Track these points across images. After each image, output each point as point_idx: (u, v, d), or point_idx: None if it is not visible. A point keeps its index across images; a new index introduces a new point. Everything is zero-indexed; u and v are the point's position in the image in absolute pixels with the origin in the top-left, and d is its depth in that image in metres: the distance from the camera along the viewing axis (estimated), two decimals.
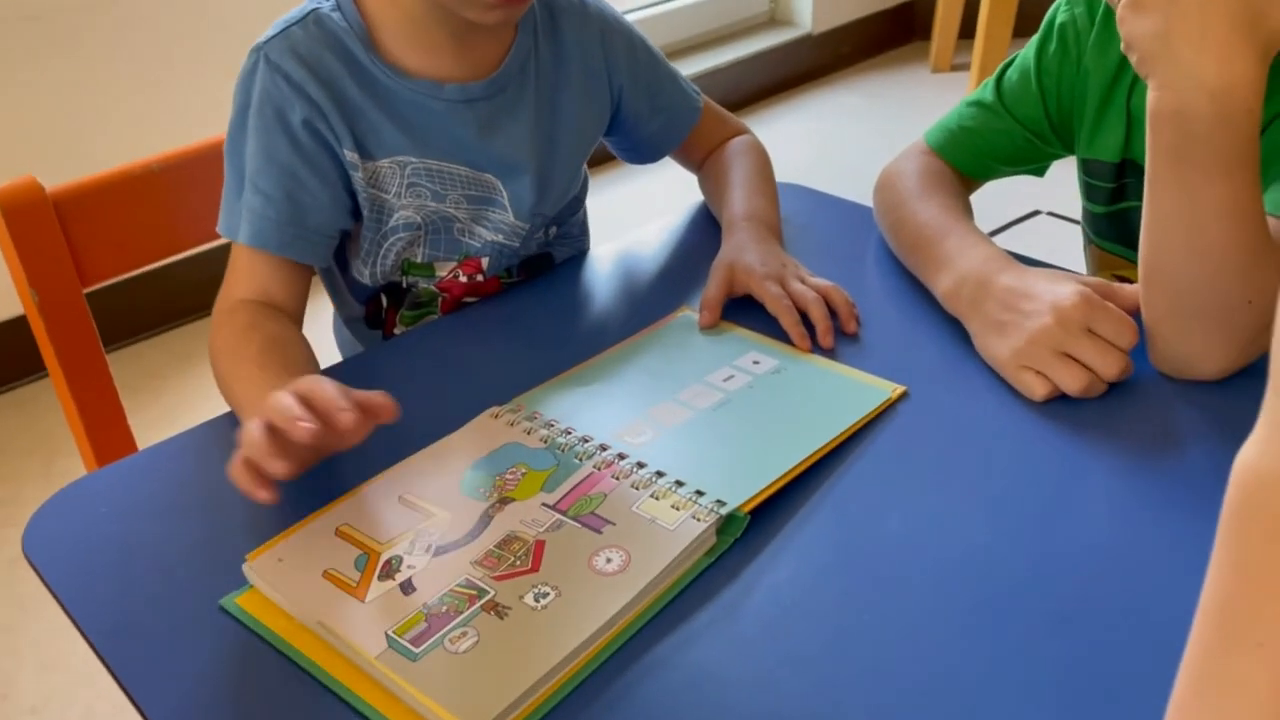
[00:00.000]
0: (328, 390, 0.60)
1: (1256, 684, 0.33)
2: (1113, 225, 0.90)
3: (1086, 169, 0.90)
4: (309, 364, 0.78)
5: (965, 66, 3.13)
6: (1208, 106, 0.66)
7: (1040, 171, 0.96)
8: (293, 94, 0.81)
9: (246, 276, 0.83)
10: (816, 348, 0.81)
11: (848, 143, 2.70)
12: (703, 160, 1.03)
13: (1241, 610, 0.34)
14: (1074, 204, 0.95)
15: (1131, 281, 0.88)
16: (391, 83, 0.84)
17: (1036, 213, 2.30)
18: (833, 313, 0.83)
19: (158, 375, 1.91)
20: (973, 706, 0.53)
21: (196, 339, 2.05)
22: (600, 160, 1.02)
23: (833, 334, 0.81)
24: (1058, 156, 0.93)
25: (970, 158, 0.93)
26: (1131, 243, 0.89)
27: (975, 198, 0.97)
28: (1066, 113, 0.89)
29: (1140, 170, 0.85)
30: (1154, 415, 0.73)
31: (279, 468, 0.59)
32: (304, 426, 0.58)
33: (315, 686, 0.56)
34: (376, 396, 0.61)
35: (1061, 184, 1.02)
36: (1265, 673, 0.33)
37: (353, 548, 0.64)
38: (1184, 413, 0.73)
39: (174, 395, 1.84)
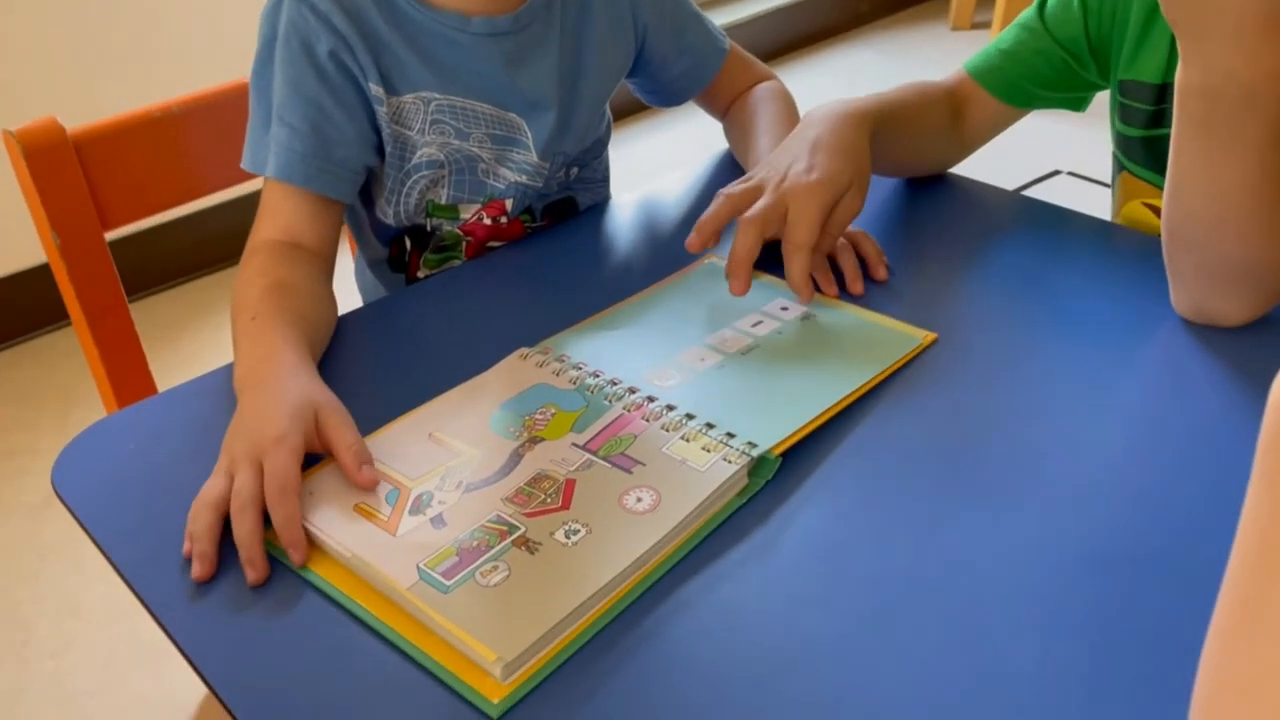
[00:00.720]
0: (251, 536, 0.59)
1: None
2: (1148, 150, 0.88)
3: (1124, 90, 0.88)
4: (308, 315, 0.76)
5: (986, 25, 3.09)
6: (1235, 92, 0.66)
7: (1079, 104, 0.94)
8: (319, 25, 0.80)
9: (273, 215, 0.82)
10: (845, 294, 0.80)
11: None
12: (728, 106, 1.02)
13: None
14: (1094, 164, 0.94)
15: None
16: (418, 15, 0.83)
17: (1057, 172, 2.28)
18: (862, 261, 0.82)
19: (175, 326, 1.91)
20: (1003, 645, 0.53)
21: (214, 291, 2.05)
22: (623, 114, 1.01)
23: (861, 281, 0.81)
24: (1093, 86, 0.91)
25: (1007, 83, 0.91)
26: (1166, 168, 0.88)
27: (995, 156, 0.95)
28: (1106, 35, 0.87)
29: None
30: (1182, 359, 0.73)
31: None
32: (250, 573, 0.58)
33: (345, 617, 0.56)
34: (297, 538, 0.59)
35: (1082, 143, 1.00)
36: None
37: (384, 483, 0.63)
38: (1210, 356, 0.72)
39: (191, 345, 1.84)
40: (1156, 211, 0.89)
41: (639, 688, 0.52)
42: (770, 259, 0.84)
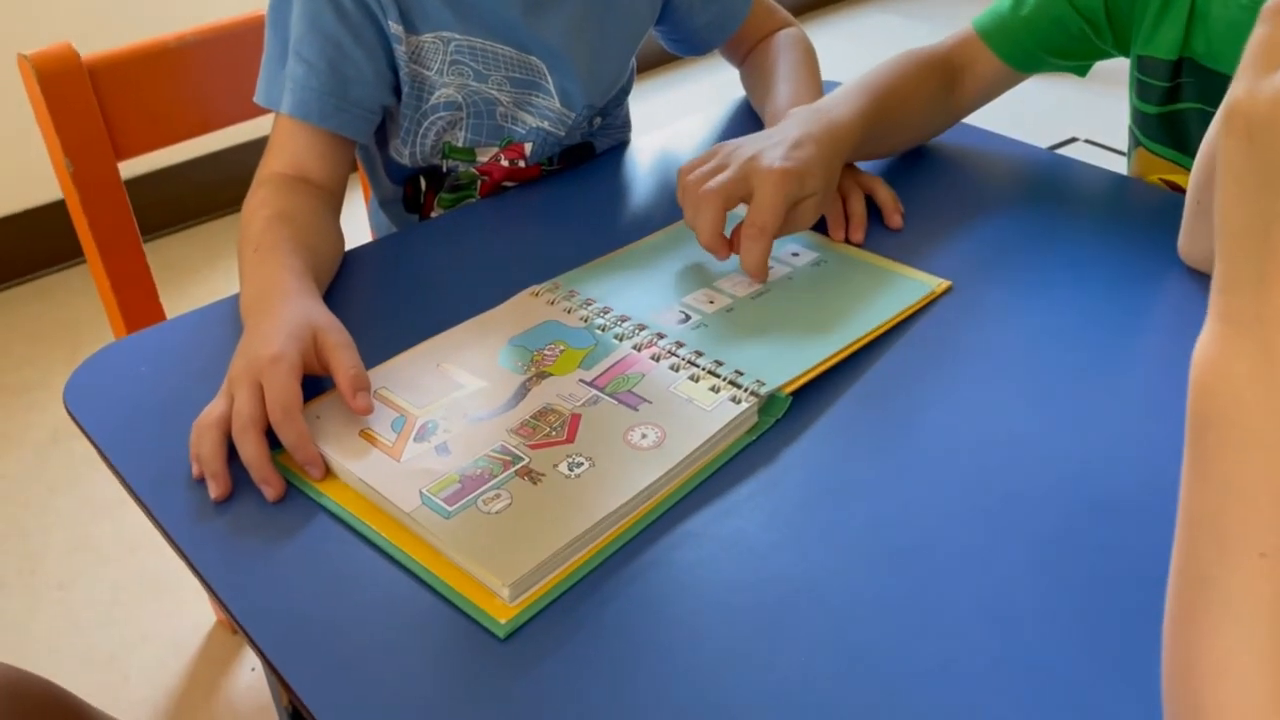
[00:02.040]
0: (259, 456, 0.59)
1: (1262, 593, 0.33)
2: (1164, 127, 0.88)
3: (1141, 66, 0.87)
4: (311, 245, 0.75)
5: None
6: None
7: (1083, 71, 0.93)
8: None
9: (283, 149, 0.82)
10: (850, 241, 0.80)
11: None
12: (747, 53, 1.01)
13: (1236, 522, 0.33)
14: (1110, 132, 0.93)
15: (1180, 188, 0.86)
16: None
17: (1074, 139, 2.26)
18: (876, 211, 0.82)
19: (186, 268, 1.92)
20: (1009, 589, 0.53)
21: (225, 233, 2.05)
22: (645, 66, 1.00)
23: (864, 228, 0.80)
24: (1107, 55, 0.90)
25: (1016, 47, 0.90)
26: (1182, 146, 0.87)
27: (1013, 123, 0.94)
28: (1126, 6, 0.86)
29: (1198, 70, 0.83)
30: (1195, 311, 0.72)
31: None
32: (268, 491, 0.59)
33: (356, 539, 0.56)
34: (313, 454, 0.60)
35: (1099, 111, 0.99)
36: (1270, 582, 0.33)
37: (390, 410, 0.64)
38: None
39: (202, 287, 1.85)
40: (1172, 187, 0.89)
41: (644, 612, 0.52)
42: None
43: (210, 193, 2.05)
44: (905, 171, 0.90)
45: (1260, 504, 0.33)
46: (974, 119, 0.99)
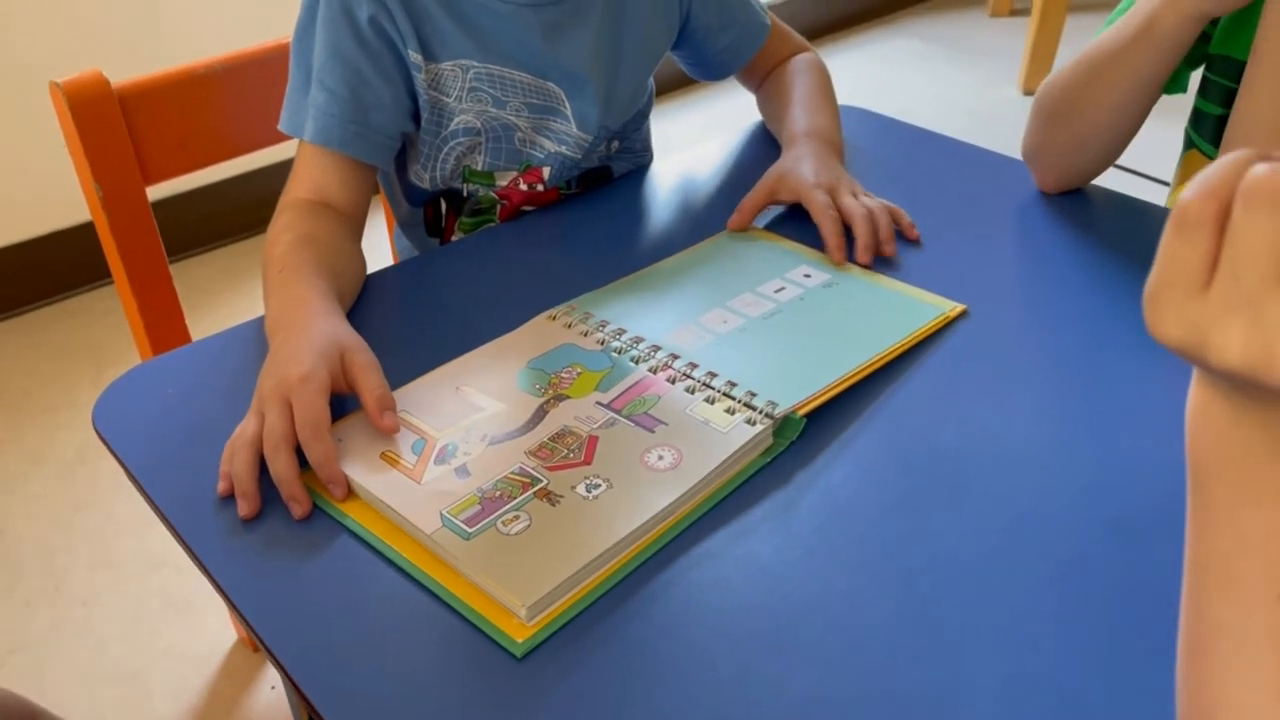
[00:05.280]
0: (289, 474, 0.60)
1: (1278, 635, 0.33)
2: (1220, 129, 0.88)
3: (1211, 65, 0.87)
4: (334, 266, 0.77)
5: (1025, 12, 3.06)
6: None
7: (1183, 86, 0.91)
8: None
9: (306, 175, 0.84)
10: (857, 263, 0.81)
11: (902, 86, 2.66)
12: (764, 78, 1.02)
13: (1249, 570, 0.33)
14: (1138, 157, 0.92)
15: None
16: None
17: None
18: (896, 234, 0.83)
19: (210, 290, 1.94)
20: (1025, 610, 0.53)
21: (249, 256, 2.07)
22: (663, 89, 1.02)
23: (872, 251, 0.81)
24: (1199, 57, 0.88)
25: None
26: None
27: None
28: None
29: None
30: None
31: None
32: (295, 508, 0.60)
33: (377, 559, 0.57)
34: (336, 474, 0.61)
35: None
36: None
37: (410, 433, 0.65)
38: None
39: (226, 309, 1.87)
40: None
41: (660, 633, 0.53)
42: (797, 226, 0.84)
43: (232, 215, 2.08)
44: (920, 193, 0.90)
45: (1272, 551, 0.33)
46: (986, 142, 1.00)
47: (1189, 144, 0.93)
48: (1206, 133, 0.90)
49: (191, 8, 1.95)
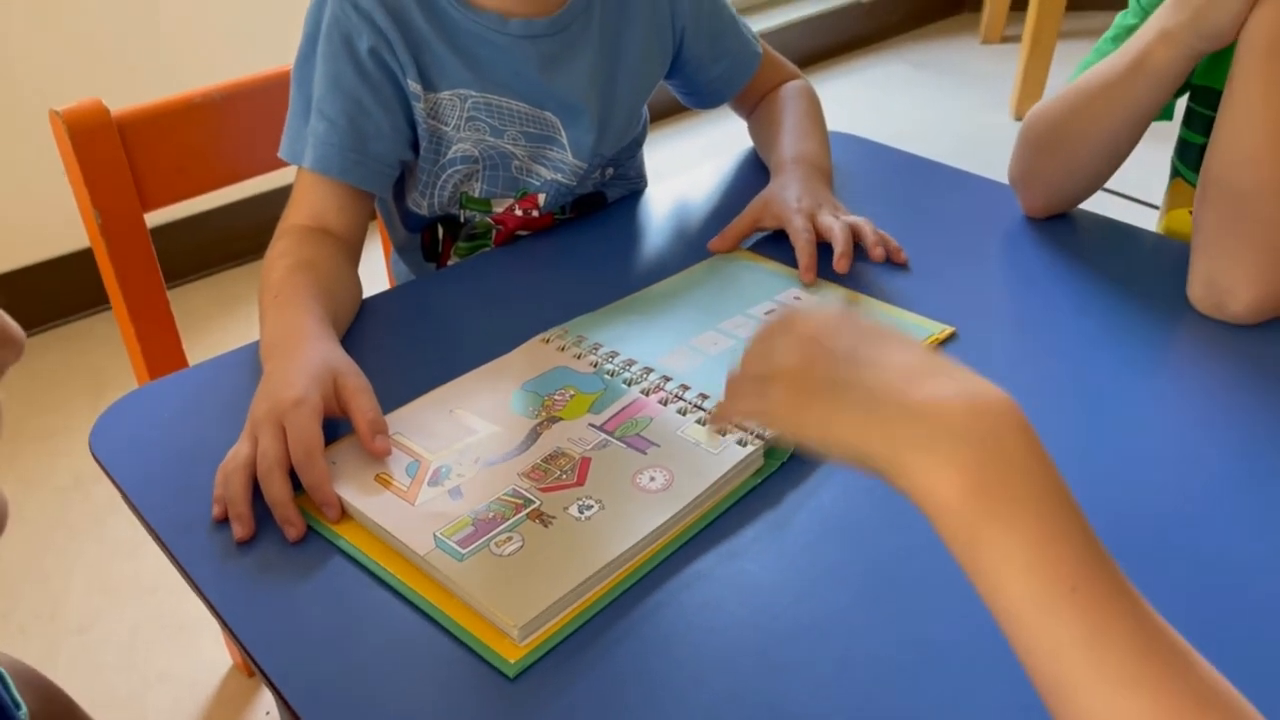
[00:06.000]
0: (283, 497, 0.61)
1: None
2: (1203, 157, 0.89)
3: (1195, 96, 0.89)
4: (330, 291, 0.77)
5: (1016, 38, 3.09)
6: None
7: (1169, 113, 0.92)
8: (361, 22, 0.82)
9: (304, 201, 0.85)
10: (847, 281, 0.82)
11: (894, 111, 2.68)
12: (755, 106, 1.04)
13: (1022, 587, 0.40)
14: (1125, 179, 0.94)
15: None
16: (457, 15, 0.85)
17: None
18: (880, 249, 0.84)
19: (207, 316, 1.95)
20: None
21: (246, 282, 2.08)
22: (657, 116, 1.03)
23: (850, 259, 0.81)
24: (1182, 85, 0.90)
25: None
26: None
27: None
28: None
29: None
30: (1200, 361, 0.74)
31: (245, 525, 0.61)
32: (290, 531, 0.60)
33: (371, 580, 0.58)
34: (330, 496, 0.62)
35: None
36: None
37: (404, 455, 0.65)
38: (1226, 358, 0.73)
39: (221, 334, 1.88)
40: None
41: (652, 653, 0.53)
42: (788, 249, 0.85)
43: (228, 241, 2.09)
44: (909, 218, 0.91)
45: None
46: (977, 168, 1.01)
47: (1175, 173, 0.94)
48: (1191, 161, 0.91)
49: (191, 33, 1.97)
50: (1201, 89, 0.88)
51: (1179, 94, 0.91)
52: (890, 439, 0.42)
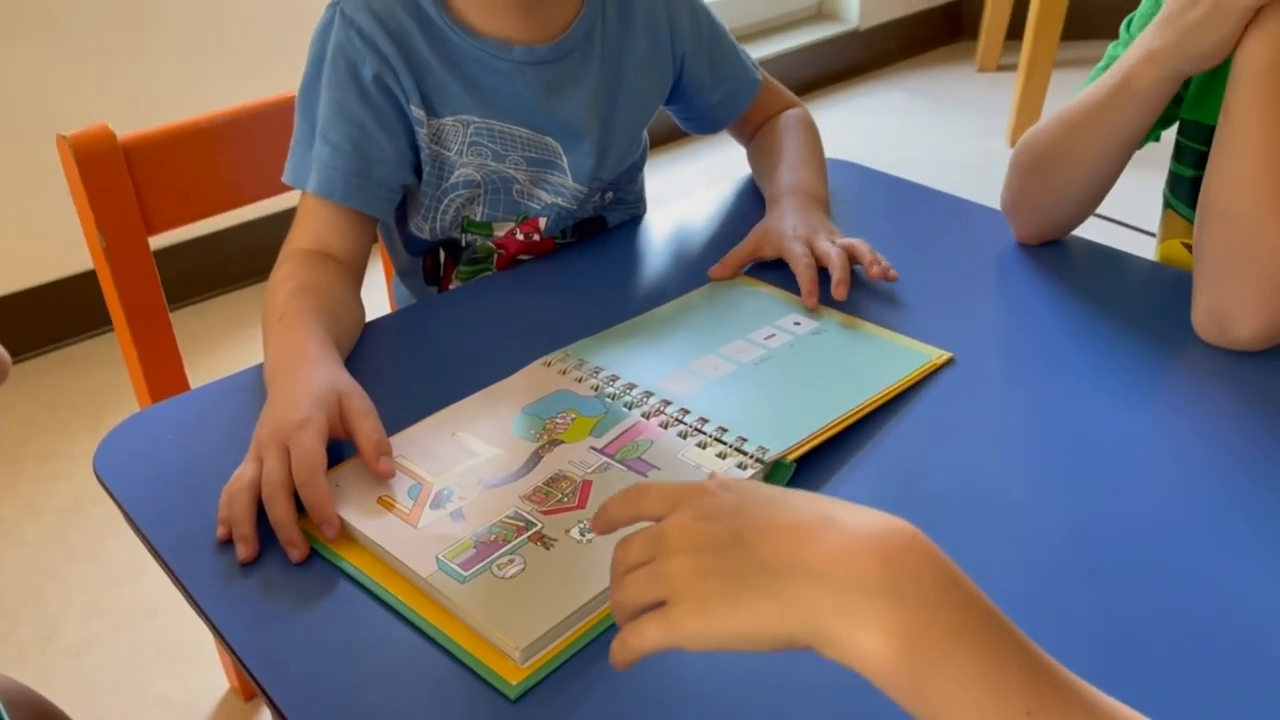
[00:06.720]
0: (287, 518, 0.61)
1: None
2: (1195, 190, 0.90)
3: (1183, 129, 0.90)
4: (333, 314, 0.78)
5: (1012, 67, 3.12)
6: None
7: (1156, 136, 0.93)
8: (365, 48, 0.83)
9: (308, 225, 0.86)
10: (845, 307, 0.82)
11: (891, 140, 2.70)
12: (754, 132, 1.05)
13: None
14: (1112, 205, 0.95)
15: None
16: (460, 41, 0.86)
17: None
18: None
19: (209, 338, 1.96)
20: None
21: (248, 304, 2.09)
22: (657, 141, 1.04)
23: (847, 285, 0.82)
24: (1170, 117, 0.91)
25: None
26: None
27: None
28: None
29: None
30: (1198, 386, 0.74)
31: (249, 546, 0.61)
32: (293, 552, 0.61)
33: (373, 602, 0.58)
34: (329, 515, 0.62)
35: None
36: None
37: (406, 478, 0.66)
38: (1225, 388, 0.74)
39: (225, 356, 1.88)
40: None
41: (651, 676, 0.53)
42: (788, 275, 0.86)
43: (231, 264, 2.10)
44: (907, 244, 0.92)
45: None
46: (974, 195, 1.02)
47: (1166, 204, 0.95)
48: (1182, 194, 0.92)
49: (193, 59, 1.98)
50: (1191, 123, 0.89)
51: (1166, 125, 0.92)
52: (806, 613, 0.39)
